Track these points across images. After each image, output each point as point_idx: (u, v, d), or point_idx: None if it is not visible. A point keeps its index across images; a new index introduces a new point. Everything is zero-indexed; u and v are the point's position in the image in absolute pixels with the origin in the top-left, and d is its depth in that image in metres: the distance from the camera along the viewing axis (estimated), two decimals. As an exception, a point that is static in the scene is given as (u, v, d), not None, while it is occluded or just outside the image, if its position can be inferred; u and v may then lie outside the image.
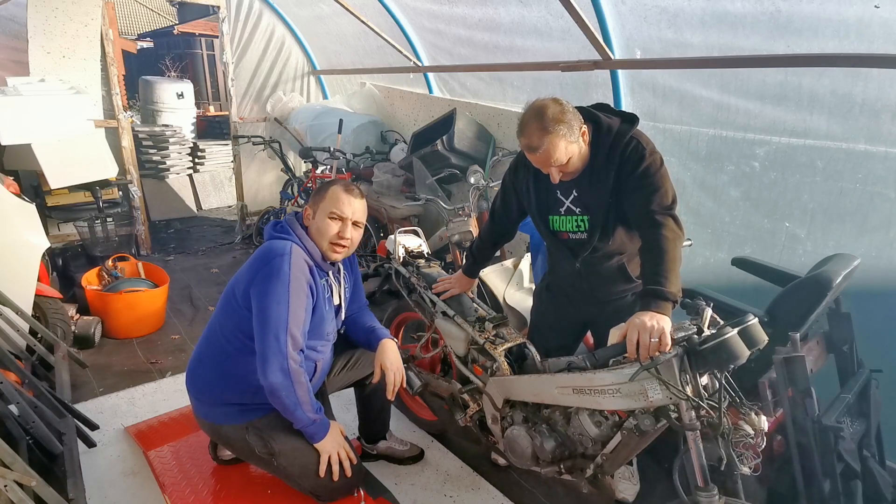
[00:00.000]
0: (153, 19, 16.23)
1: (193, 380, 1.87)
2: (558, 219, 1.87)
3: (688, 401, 1.37)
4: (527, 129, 1.65)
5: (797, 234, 2.43)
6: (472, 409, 2.07)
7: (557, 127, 1.60)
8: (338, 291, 1.93)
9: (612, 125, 1.73)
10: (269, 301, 1.64)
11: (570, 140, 1.63)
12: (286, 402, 1.66)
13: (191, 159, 6.37)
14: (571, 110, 1.66)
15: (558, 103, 1.65)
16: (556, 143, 1.62)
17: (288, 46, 5.48)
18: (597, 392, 1.55)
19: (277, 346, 1.62)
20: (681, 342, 1.37)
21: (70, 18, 3.88)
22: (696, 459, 1.42)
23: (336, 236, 1.79)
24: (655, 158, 1.70)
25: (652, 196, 1.65)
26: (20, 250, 2.72)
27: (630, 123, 1.73)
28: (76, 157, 3.69)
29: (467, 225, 3.17)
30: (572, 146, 1.65)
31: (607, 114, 1.78)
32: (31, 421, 1.87)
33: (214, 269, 4.60)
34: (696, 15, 2.37)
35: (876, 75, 2.03)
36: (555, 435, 1.77)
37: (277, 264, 1.67)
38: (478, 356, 2.02)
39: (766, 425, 1.40)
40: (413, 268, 2.28)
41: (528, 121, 1.65)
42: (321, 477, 1.76)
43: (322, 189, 1.84)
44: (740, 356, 1.32)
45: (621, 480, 2.03)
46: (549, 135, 1.61)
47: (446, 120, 3.69)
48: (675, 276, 1.52)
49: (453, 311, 2.06)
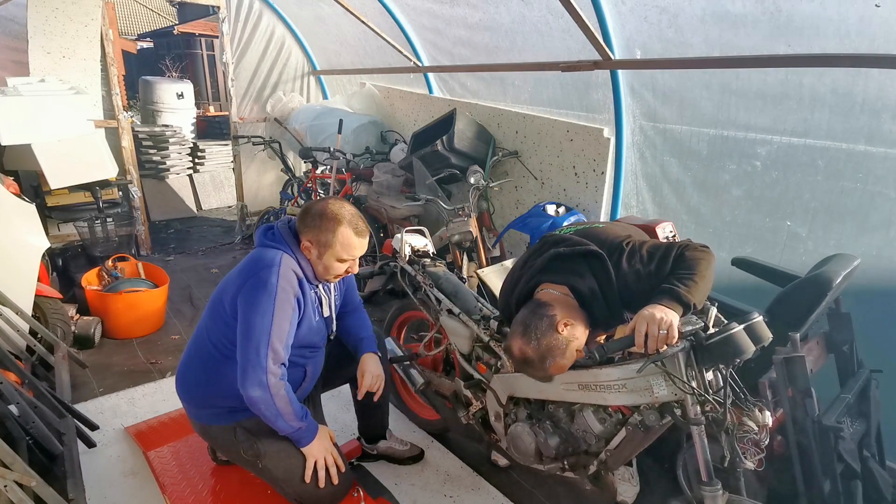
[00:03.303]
0: (153, 19, 16.24)
1: (183, 383, 1.86)
2: None
3: (693, 395, 1.38)
4: (526, 371, 1.60)
5: (798, 234, 2.43)
6: (475, 407, 2.07)
7: (552, 360, 1.51)
8: (327, 303, 1.89)
9: (592, 288, 1.58)
10: (254, 313, 1.61)
11: (567, 354, 1.52)
12: (266, 413, 1.64)
13: (191, 159, 6.37)
14: (548, 334, 1.50)
15: (533, 341, 1.51)
16: (558, 369, 1.55)
17: (288, 47, 5.48)
18: (602, 388, 1.56)
19: (257, 359, 1.60)
20: (688, 336, 1.37)
21: (70, 19, 3.88)
22: (700, 455, 1.42)
23: (344, 273, 1.78)
24: (638, 242, 1.61)
25: (672, 253, 1.55)
26: (20, 250, 2.72)
27: (602, 268, 1.58)
28: (76, 157, 3.68)
29: (467, 225, 3.18)
30: (571, 353, 1.53)
31: (573, 267, 1.61)
32: (31, 421, 1.87)
33: (214, 269, 4.60)
34: (697, 15, 2.37)
35: (876, 75, 2.03)
36: (559, 431, 1.78)
37: (265, 276, 1.64)
38: (482, 353, 2.02)
39: (770, 421, 1.40)
40: (419, 266, 2.29)
41: (520, 367, 1.60)
42: (307, 483, 1.73)
43: (326, 229, 1.69)
44: (746, 350, 1.32)
45: (621, 482, 2.03)
46: (550, 369, 1.54)
47: (446, 120, 3.68)
48: (696, 287, 1.45)
49: (458, 308, 2.07)
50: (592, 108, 3.14)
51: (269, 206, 5.49)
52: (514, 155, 3.56)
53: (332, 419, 2.38)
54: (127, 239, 4.42)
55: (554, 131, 3.33)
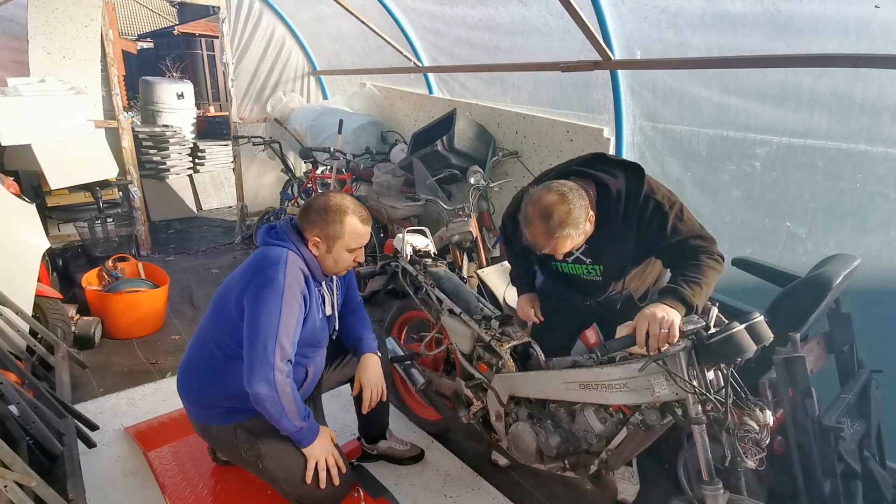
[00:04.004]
0: (153, 20, 16.25)
1: (184, 384, 1.86)
2: (566, 265, 1.88)
3: (695, 394, 1.38)
4: (531, 227, 1.60)
5: (798, 234, 2.43)
6: (476, 407, 2.08)
7: (564, 231, 1.56)
8: (330, 301, 1.90)
9: (620, 189, 1.66)
10: (261, 310, 1.61)
11: (576, 237, 1.59)
12: (271, 411, 1.64)
13: (191, 160, 6.37)
14: (577, 203, 1.56)
15: (564, 200, 1.56)
16: (562, 245, 1.60)
17: (288, 47, 5.48)
18: (603, 387, 1.56)
19: (265, 356, 1.59)
20: (689, 335, 1.38)
21: (70, 19, 3.89)
22: (701, 454, 1.42)
23: (353, 262, 1.80)
24: (676, 208, 1.67)
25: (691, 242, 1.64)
26: (20, 251, 2.72)
27: (637, 179, 1.67)
28: (76, 157, 3.69)
29: (467, 225, 3.18)
30: (579, 238, 1.61)
31: (610, 169, 1.70)
32: (32, 421, 1.87)
33: (214, 269, 4.60)
34: (697, 15, 2.37)
35: (876, 75, 2.03)
36: (559, 431, 1.79)
37: (272, 273, 1.64)
38: (483, 353, 2.03)
39: (771, 420, 1.41)
40: (420, 266, 2.29)
41: (532, 220, 1.59)
42: (307, 483, 1.72)
43: (332, 221, 1.71)
44: (748, 350, 1.33)
45: (621, 481, 2.03)
46: (555, 239, 1.58)
47: (446, 120, 3.69)
48: (700, 292, 1.51)
49: (460, 308, 2.07)
50: (592, 108, 3.14)
51: (270, 206, 5.49)
52: (514, 155, 3.56)
53: (332, 419, 2.38)
54: (127, 239, 4.42)
55: (554, 131, 3.33)
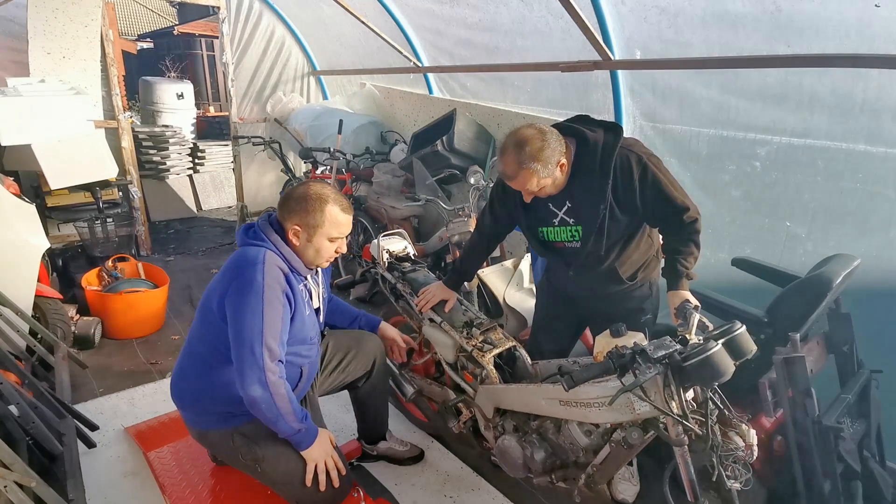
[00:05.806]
0: (153, 20, 16.24)
1: (178, 390, 1.83)
2: (552, 230, 1.89)
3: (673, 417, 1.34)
4: (504, 156, 1.69)
5: (798, 234, 2.43)
6: (465, 416, 2.05)
7: (532, 164, 1.64)
8: (317, 294, 1.87)
9: (597, 139, 1.73)
10: (244, 313, 1.58)
11: (542, 176, 1.67)
12: (267, 414, 1.61)
13: (191, 160, 6.36)
14: (552, 145, 1.66)
15: (541, 136, 1.65)
16: (528, 178, 1.67)
17: (288, 47, 5.48)
18: (583, 405, 1.53)
19: (253, 359, 1.56)
20: (662, 360, 1.31)
21: (70, 19, 3.88)
22: (685, 475, 1.40)
23: (334, 253, 1.77)
24: (653, 163, 1.73)
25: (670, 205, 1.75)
26: (20, 251, 2.72)
27: (615, 134, 1.74)
28: (76, 157, 3.68)
29: (467, 225, 3.18)
30: (545, 180, 1.69)
31: (590, 126, 1.79)
32: (31, 422, 1.86)
33: (214, 269, 4.59)
34: (697, 15, 2.37)
35: (876, 75, 2.03)
36: (545, 445, 1.75)
37: (250, 275, 1.60)
38: (467, 363, 1.99)
39: (756, 439, 1.39)
40: (398, 273, 2.24)
41: (507, 148, 1.68)
42: (307, 486, 1.71)
43: (313, 209, 1.67)
44: (725, 373, 1.28)
45: (621, 481, 2.03)
46: (522, 170, 1.65)
47: (446, 120, 3.69)
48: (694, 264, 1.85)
49: (440, 317, 2.03)
50: (592, 108, 3.14)
51: (269, 206, 5.50)
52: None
53: (331, 420, 2.38)
54: (127, 239, 4.41)
55: (554, 131, 3.33)
